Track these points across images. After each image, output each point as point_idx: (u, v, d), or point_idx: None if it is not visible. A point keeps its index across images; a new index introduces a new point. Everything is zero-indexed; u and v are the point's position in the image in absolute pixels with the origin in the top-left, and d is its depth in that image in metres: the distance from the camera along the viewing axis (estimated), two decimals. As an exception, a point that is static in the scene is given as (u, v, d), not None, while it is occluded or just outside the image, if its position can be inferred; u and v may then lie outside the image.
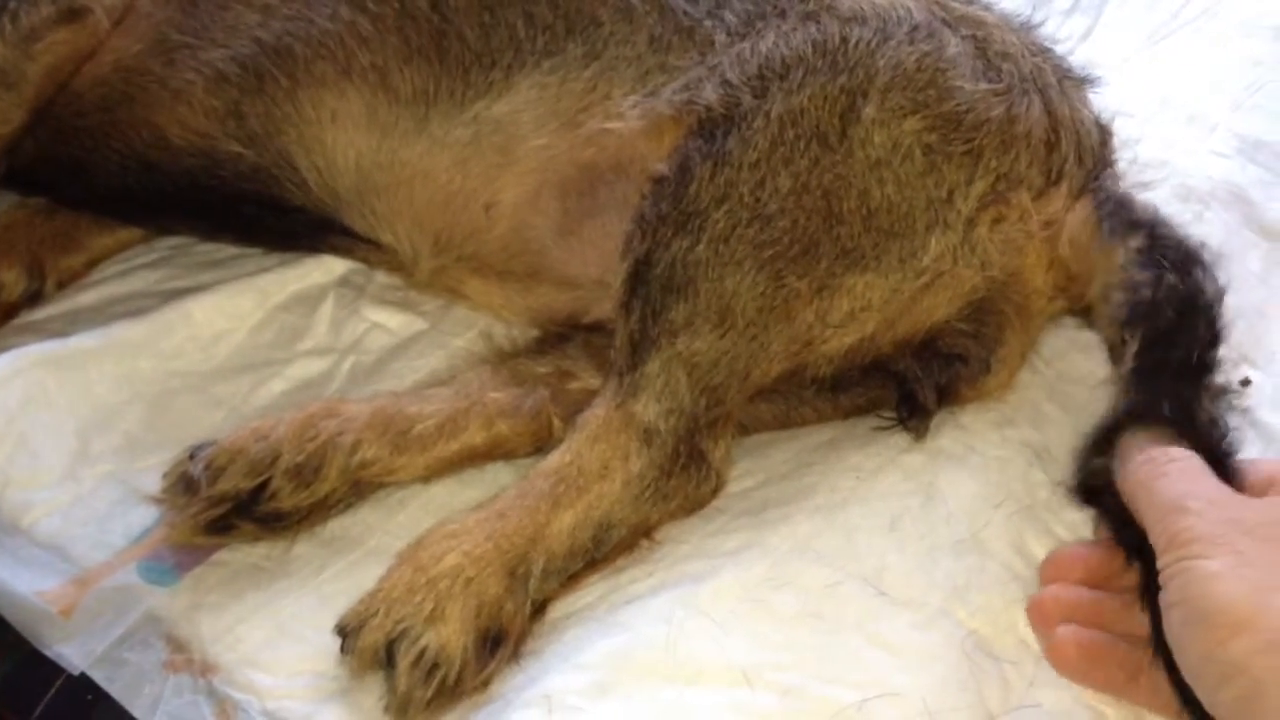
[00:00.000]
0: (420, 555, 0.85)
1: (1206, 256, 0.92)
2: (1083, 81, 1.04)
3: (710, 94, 0.94)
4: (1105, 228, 0.94)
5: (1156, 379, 0.86)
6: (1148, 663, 0.78)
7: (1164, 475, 0.79)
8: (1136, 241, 0.92)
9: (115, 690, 0.83)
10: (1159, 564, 0.75)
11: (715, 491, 0.92)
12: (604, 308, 0.97)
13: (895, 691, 0.79)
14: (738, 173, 0.90)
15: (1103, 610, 0.83)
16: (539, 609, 0.87)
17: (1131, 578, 0.82)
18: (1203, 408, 0.85)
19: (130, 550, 0.90)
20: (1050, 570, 0.87)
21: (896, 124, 0.91)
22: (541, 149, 1.02)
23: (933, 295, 0.93)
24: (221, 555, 0.90)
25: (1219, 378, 0.87)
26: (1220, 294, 0.90)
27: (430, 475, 0.95)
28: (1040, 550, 0.89)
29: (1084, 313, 0.99)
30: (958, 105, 0.92)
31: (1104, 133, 1.03)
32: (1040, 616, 0.84)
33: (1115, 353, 0.92)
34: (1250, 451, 0.96)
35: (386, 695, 0.82)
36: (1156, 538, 0.76)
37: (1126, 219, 0.94)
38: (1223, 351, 0.88)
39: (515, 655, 0.84)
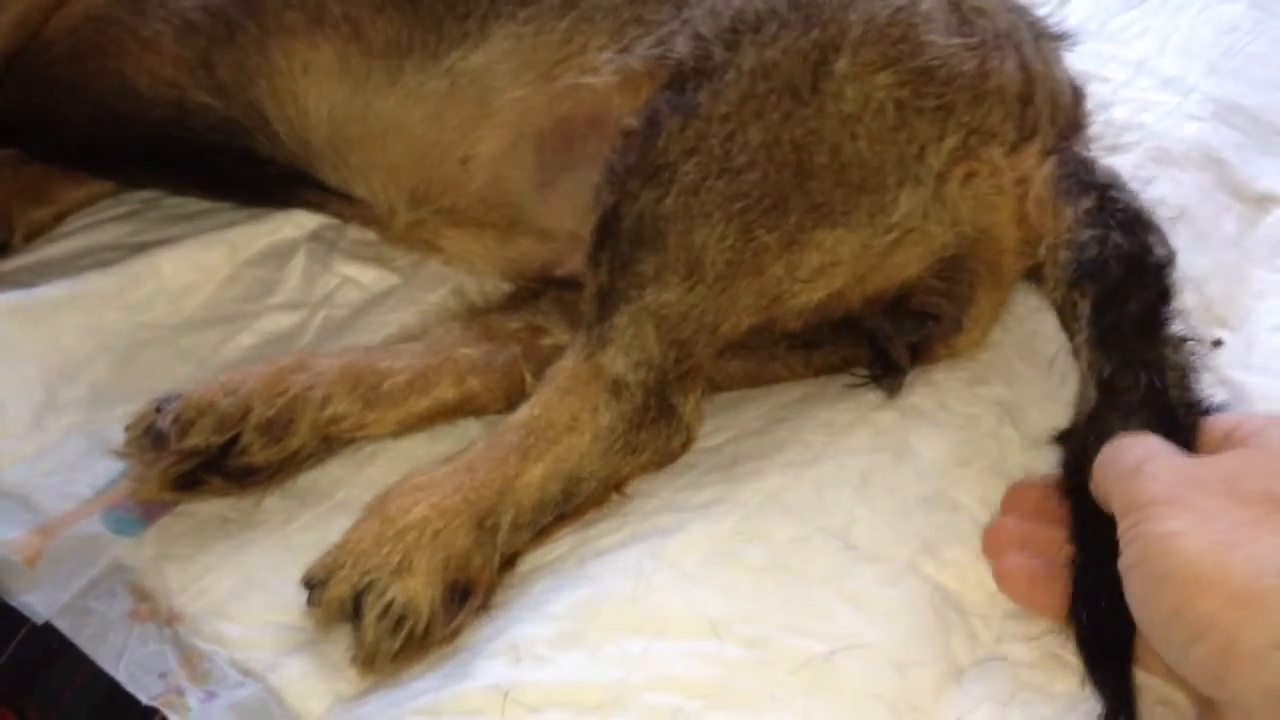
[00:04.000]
0: (388, 507, 0.85)
1: (1157, 219, 0.92)
2: (1058, 39, 1.03)
3: (682, 47, 0.94)
4: (1062, 187, 0.94)
5: (1116, 340, 0.86)
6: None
7: (1124, 448, 0.79)
8: (1087, 203, 0.92)
9: (80, 640, 0.82)
10: (1120, 529, 0.75)
11: (686, 445, 0.92)
12: (579, 260, 0.96)
13: (862, 643, 0.79)
14: (707, 125, 0.90)
15: (1052, 541, 0.83)
16: (508, 562, 0.87)
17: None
18: (1170, 363, 0.85)
19: (96, 500, 0.90)
20: (1006, 503, 0.88)
21: (868, 78, 0.90)
22: (518, 101, 1.01)
23: (903, 251, 0.92)
24: (188, 505, 0.89)
25: (1177, 328, 0.87)
26: (1170, 257, 0.90)
27: (401, 431, 0.95)
28: (1009, 507, 0.90)
29: (1034, 274, 0.98)
30: (930, 60, 0.91)
31: (1077, 93, 1.02)
32: (993, 544, 0.85)
33: (1065, 315, 0.92)
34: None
35: (354, 647, 0.81)
36: (1117, 504, 0.77)
37: (1082, 180, 0.94)
38: (1177, 305, 0.88)
39: (484, 607, 0.84)
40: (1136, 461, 0.77)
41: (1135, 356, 0.85)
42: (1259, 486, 0.73)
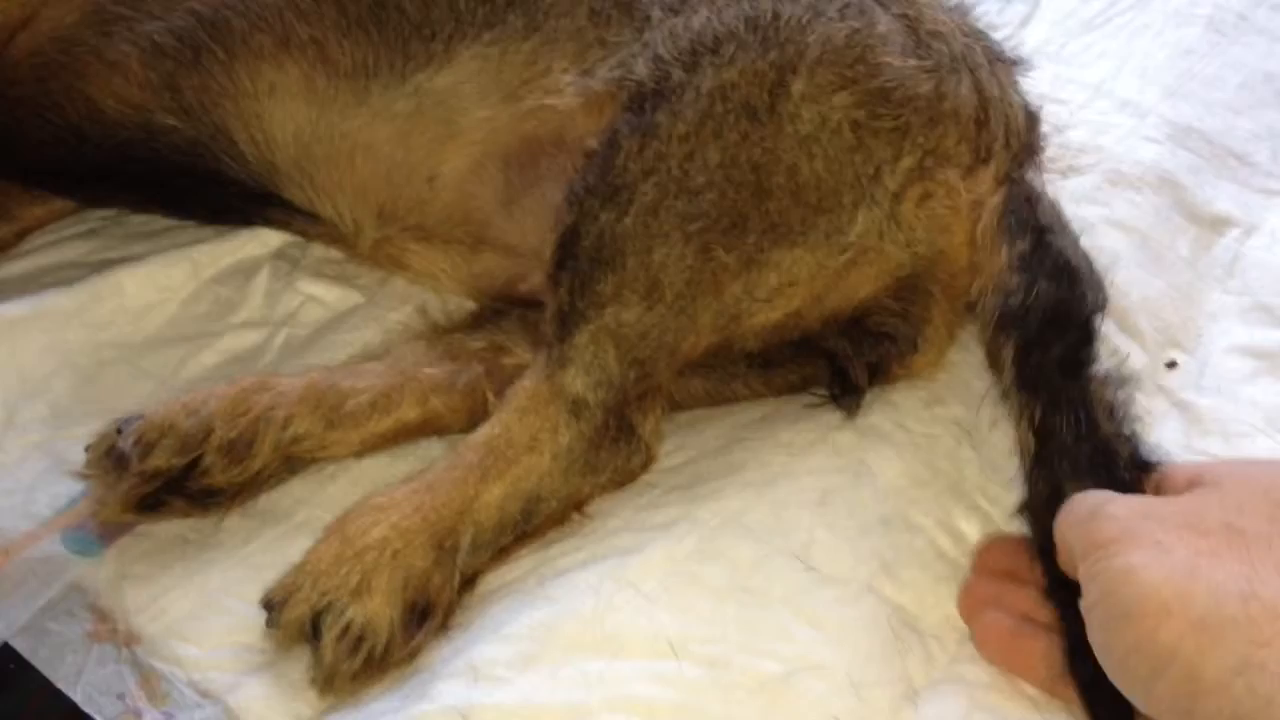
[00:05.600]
0: (347, 528, 0.85)
1: (1090, 270, 0.93)
2: (1013, 64, 1.04)
3: (642, 69, 0.94)
4: (1004, 223, 0.94)
5: (1043, 381, 0.87)
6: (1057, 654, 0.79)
7: (1079, 500, 0.80)
8: (1022, 245, 0.93)
9: (38, 660, 0.82)
10: (1080, 571, 0.75)
11: (646, 465, 0.92)
12: (542, 276, 0.97)
13: (820, 664, 0.80)
14: (666, 146, 0.90)
15: (1024, 599, 0.83)
16: (468, 582, 0.87)
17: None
18: (1097, 399, 0.86)
19: (55, 520, 0.89)
20: (977, 562, 0.88)
21: (825, 99, 0.91)
22: (484, 121, 1.01)
23: (859, 271, 0.93)
24: (148, 526, 0.89)
25: (1102, 367, 0.88)
26: (1100, 306, 0.91)
27: (363, 451, 0.95)
28: (967, 526, 0.90)
29: (970, 308, 0.98)
30: (886, 81, 0.92)
31: (1032, 118, 1.03)
32: (968, 606, 0.85)
33: (991, 357, 0.93)
34: (1175, 432, 0.98)
35: (313, 668, 0.81)
36: (1078, 548, 0.76)
37: (1023, 220, 0.95)
38: (1098, 348, 0.89)
39: (444, 628, 0.84)
40: (1093, 506, 0.77)
41: (1061, 396, 0.86)
42: (1217, 519, 0.73)
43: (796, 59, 0.92)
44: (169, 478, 0.89)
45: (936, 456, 0.94)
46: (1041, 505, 0.84)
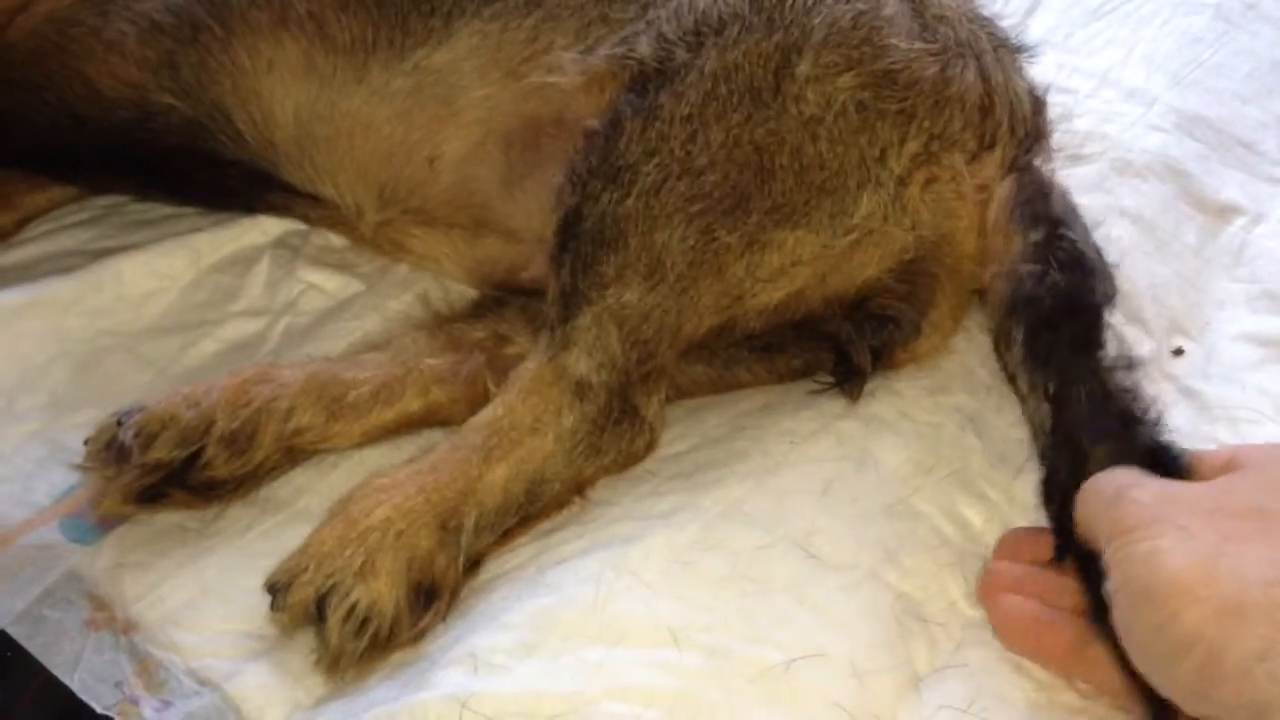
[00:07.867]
0: (350, 509, 0.85)
1: (1101, 264, 0.93)
2: (1018, 50, 1.04)
3: (645, 48, 0.94)
4: (1017, 213, 0.94)
5: (1054, 358, 0.87)
6: (1084, 639, 0.79)
7: (1103, 478, 0.79)
8: (1036, 235, 0.92)
9: (35, 648, 0.82)
10: (1105, 557, 0.74)
11: (649, 447, 0.92)
12: (544, 262, 0.96)
13: (822, 652, 0.79)
14: (669, 127, 0.90)
15: (1047, 585, 0.83)
16: (473, 564, 0.86)
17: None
18: (1110, 378, 0.86)
19: (54, 508, 0.89)
20: (1000, 549, 0.87)
21: (830, 81, 0.91)
22: (484, 100, 1.01)
23: (863, 253, 0.93)
24: (146, 514, 0.89)
25: (1112, 350, 0.87)
26: (1109, 299, 0.91)
27: (365, 442, 0.94)
28: (971, 514, 0.90)
29: (980, 295, 0.98)
30: (892, 63, 0.92)
31: (1038, 103, 1.03)
32: (988, 589, 0.85)
33: (999, 343, 0.93)
34: (1182, 419, 0.97)
35: (318, 650, 0.81)
36: (1102, 532, 0.76)
37: (1036, 211, 0.94)
38: (1109, 336, 0.89)
39: (450, 610, 0.84)
40: (1117, 488, 0.77)
41: (1073, 370, 0.86)
42: (1247, 502, 0.73)
43: (802, 40, 0.91)
44: (170, 470, 0.88)
45: (940, 444, 0.93)
46: (1066, 477, 0.83)
